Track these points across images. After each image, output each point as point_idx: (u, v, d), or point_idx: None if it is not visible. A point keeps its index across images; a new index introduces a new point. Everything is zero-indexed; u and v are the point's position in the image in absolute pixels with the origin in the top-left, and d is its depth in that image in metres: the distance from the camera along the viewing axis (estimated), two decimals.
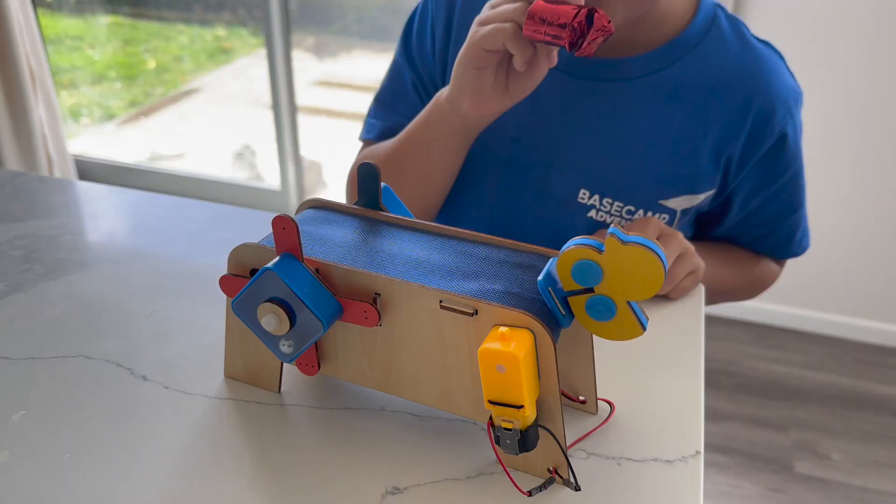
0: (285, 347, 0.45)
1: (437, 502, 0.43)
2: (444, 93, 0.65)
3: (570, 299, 0.41)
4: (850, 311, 2.00)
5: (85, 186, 0.81)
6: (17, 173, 0.81)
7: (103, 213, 0.75)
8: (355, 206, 0.50)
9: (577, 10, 0.52)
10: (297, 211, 0.51)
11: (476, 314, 0.40)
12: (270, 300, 0.42)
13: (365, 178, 0.48)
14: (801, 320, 2.04)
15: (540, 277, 0.41)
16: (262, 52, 2.56)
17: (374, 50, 3.82)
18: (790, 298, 2.02)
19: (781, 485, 1.58)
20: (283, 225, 0.42)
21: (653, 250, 0.38)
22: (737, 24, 0.70)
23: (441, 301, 0.41)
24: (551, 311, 0.41)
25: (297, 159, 2.52)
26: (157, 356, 0.54)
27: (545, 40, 0.54)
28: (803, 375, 1.91)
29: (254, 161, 2.98)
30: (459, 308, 0.41)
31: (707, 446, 1.68)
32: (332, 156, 3.02)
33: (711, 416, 1.77)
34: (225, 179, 2.65)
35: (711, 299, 0.78)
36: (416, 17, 0.77)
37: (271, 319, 0.42)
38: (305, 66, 3.57)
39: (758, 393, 1.84)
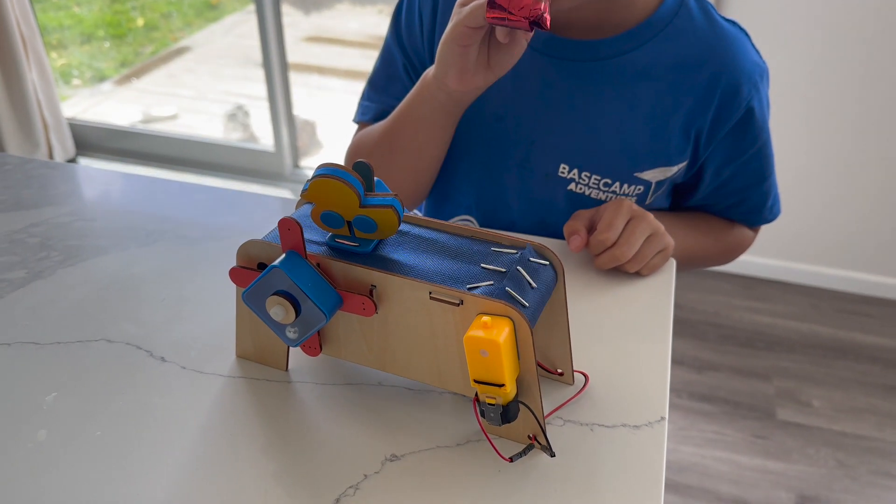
0: (291, 334, 0.50)
1: (430, 467, 0.48)
2: (430, 72, 0.69)
3: (356, 234, 0.49)
4: (832, 262, 2.06)
5: (93, 171, 0.85)
6: (24, 160, 0.85)
7: (113, 199, 0.80)
8: None
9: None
10: (298, 205, 0.55)
11: (461, 304, 0.45)
12: (277, 293, 0.47)
13: (359, 175, 0.52)
14: (785, 272, 2.10)
15: (327, 237, 0.50)
16: (251, 8, 2.54)
17: (361, 3, 3.79)
18: (775, 251, 2.07)
19: (764, 431, 1.66)
20: (289, 226, 0.46)
21: (319, 176, 0.46)
22: (704, 4, 0.74)
23: (430, 293, 0.46)
24: (352, 252, 0.49)
25: (291, 119, 2.53)
26: (173, 338, 0.59)
27: (507, 25, 0.58)
28: (787, 326, 1.97)
29: (247, 121, 2.99)
30: (446, 299, 0.46)
31: (693, 395, 1.75)
32: (326, 114, 3.03)
33: (697, 365, 1.84)
34: (219, 141, 2.66)
35: (689, 266, 0.83)
36: (404, 2, 0.80)
37: (279, 310, 0.47)
38: (294, 21, 3.55)
39: (742, 343, 1.91)
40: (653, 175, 0.75)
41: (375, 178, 0.54)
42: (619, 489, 0.47)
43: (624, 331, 0.61)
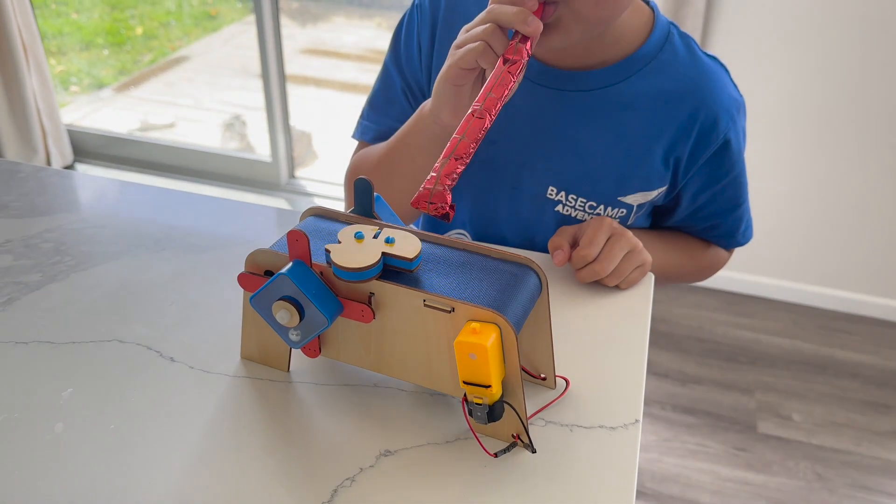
0: (294, 336, 0.54)
1: (421, 462, 0.52)
2: (427, 105, 0.73)
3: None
4: (815, 280, 2.11)
5: (103, 181, 0.89)
6: (38, 168, 0.89)
7: (122, 208, 0.83)
8: (352, 215, 0.58)
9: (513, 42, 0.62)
10: (301, 218, 0.59)
11: (453, 311, 0.50)
12: (284, 298, 0.51)
13: (360, 192, 0.57)
14: (768, 288, 2.15)
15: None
16: (249, 19, 2.58)
17: (359, 16, 3.84)
18: (759, 268, 2.12)
19: (745, 444, 1.71)
20: (297, 238, 0.50)
21: None
22: (687, 41, 0.78)
23: (424, 300, 0.50)
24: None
25: (287, 130, 2.57)
26: (182, 340, 0.63)
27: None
28: (769, 341, 2.02)
29: (244, 131, 3.03)
30: (439, 306, 0.50)
31: (676, 407, 1.79)
32: (322, 126, 3.07)
33: (681, 379, 1.88)
34: (216, 150, 2.70)
35: (664, 281, 0.88)
36: (403, 26, 0.84)
37: (284, 314, 0.51)
38: (291, 32, 3.60)
39: (726, 358, 1.96)
40: (635, 199, 0.80)
41: (375, 194, 0.58)
42: (596, 484, 0.51)
43: (603, 339, 0.65)
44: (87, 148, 2.73)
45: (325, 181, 2.64)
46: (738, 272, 2.14)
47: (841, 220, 2.00)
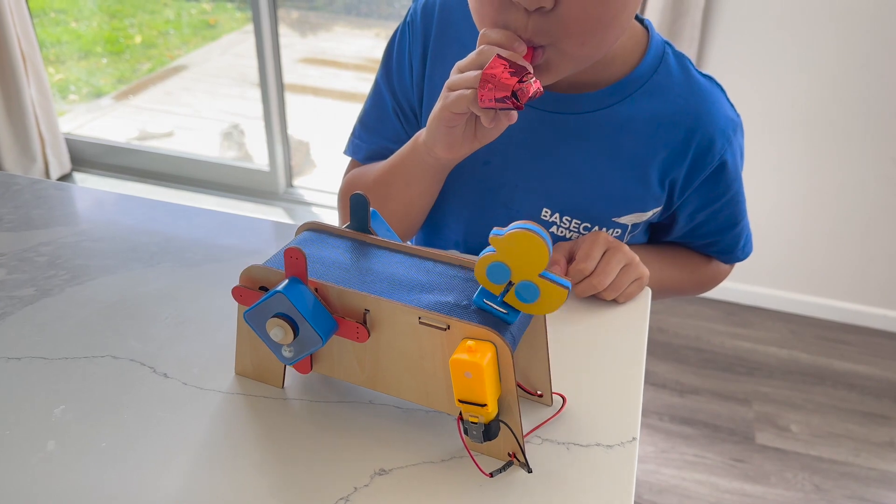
0: (287, 353, 0.53)
1: (417, 481, 0.52)
2: (421, 135, 0.73)
3: (505, 300, 0.50)
4: (812, 290, 2.11)
5: (99, 194, 0.88)
6: (34, 180, 0.89)
7: (118, 221, 0.83)
8: (347, 230, 0.58)
9: (513, 83, 0.60)
10: (297, 232, 0.59)
11: (448, 329, 0.49)
12: (278, 315, 0.51)
13: (356, 207, 0.56)
14: (766, 299, 2.15)
15: (475, 297, 0.50)
16: (248, 28, 2.59)
17: (358, 26, 3.85)
18: (756, 278, 2.12)
19: (743, 455, 1.70)
20: (294, 255, 0.50)
21: (524, 229, 0.46)
22: (682, 61, 0.77)
23: (420, 318, 0.50)
24: (497, 317, 0.50)
25: (286, 139, 2.57)
26: (176, 355, 0.63)
27: (497, 107, 0.62)
28: (767, 351, 2.02)
29: (242, 140, 3.03)
30: (435, 324, 0.49)
31: (674, 418, 1.79)
32: (320, 135, 3.07)
33: (678, 389, 1.88)
34: (214, 160, 2.70)
35: (663, 295, 0.87)
36: (395, 44, 0.84)
37: (278, 331, 0.51)
38: (290, 42, 3.61)
39: (723, 368, 1.96)
40: (629, 219, 0.80)
41: (371, 209, 0.58)
42: (593, 503, 0.51)
43: (600, 355, 0.65)
44: (85, 157, 2.73)
45: (323, 190, 2.64)
46: (735, 282, 2.14)
47: (839, 230, 2.00)
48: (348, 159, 0.91)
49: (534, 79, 0.61)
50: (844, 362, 1.99)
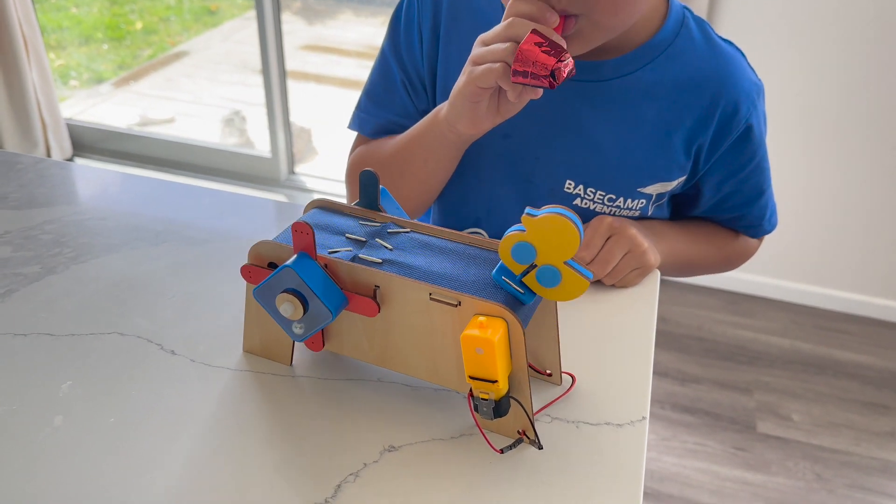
0: (297, 329, 0.53)
1: (426, 458, 0.52)
2: (442, 110, 0.72)
3: (524, 280, 0.49)
4: (814, 279, 2.11)
5: (103, 173, 0.88)
6: (37, 159, 0.88)
7: (122, 200, 0.83)
8: (356, 207, 0.58)
9: (552, 63, 0.59)
10: (306, 209, 0.59)
11: (459, 305, 0.49)
12: (287, 291, 0.51)
13: (366, 185, 0.56)
14: (767, 288, 2.15)
15: (493, 272, 0.50)
16: (249, 15, 2.58)
17: (362, 14, 3.84)
18: (758, 268, 2.12)
19: (744, 443, 1.70)
20: (302, 230, 0.50)
21: (559, 214, 0.46)
22: (703, 25, 0.76)
23: (430, 294, 0.49)
24: (513, 295, 0.49)
25: (287, 125, 2.56)
26: (183, 333, 0.62)
27: (528, 83, 0.61)
28: (768, 341, 2.02)
29: (244, 127, 3.02)
30: (446, 300, 0.49)
31: (675, 406, 1.79)
32: (322, 122, 3.06)
33: (680, 378, 1.88)
34: (216, 146, 2.69)
35: (690, 272, 0.87)
36: (402, 13, 0.81)
37: (288, 307, 0.51)
38: (293, 28, 3.59)
39: (725, 357, 1.96)
40: (654, 189, 0.79)
41: (381, 187, 0.57)
42: (602, 482, 0.50)
43: (610, 336, 0.64)
44: (86, 142, 2.72)
45: (325, 177, 2.64)
46: (737, 272, 2.14)
47: (840, 220, 2.00)
48: (352, 137, 0.89)
49: (570, 58, 0.60)
50: (845, 352, 1.99)
